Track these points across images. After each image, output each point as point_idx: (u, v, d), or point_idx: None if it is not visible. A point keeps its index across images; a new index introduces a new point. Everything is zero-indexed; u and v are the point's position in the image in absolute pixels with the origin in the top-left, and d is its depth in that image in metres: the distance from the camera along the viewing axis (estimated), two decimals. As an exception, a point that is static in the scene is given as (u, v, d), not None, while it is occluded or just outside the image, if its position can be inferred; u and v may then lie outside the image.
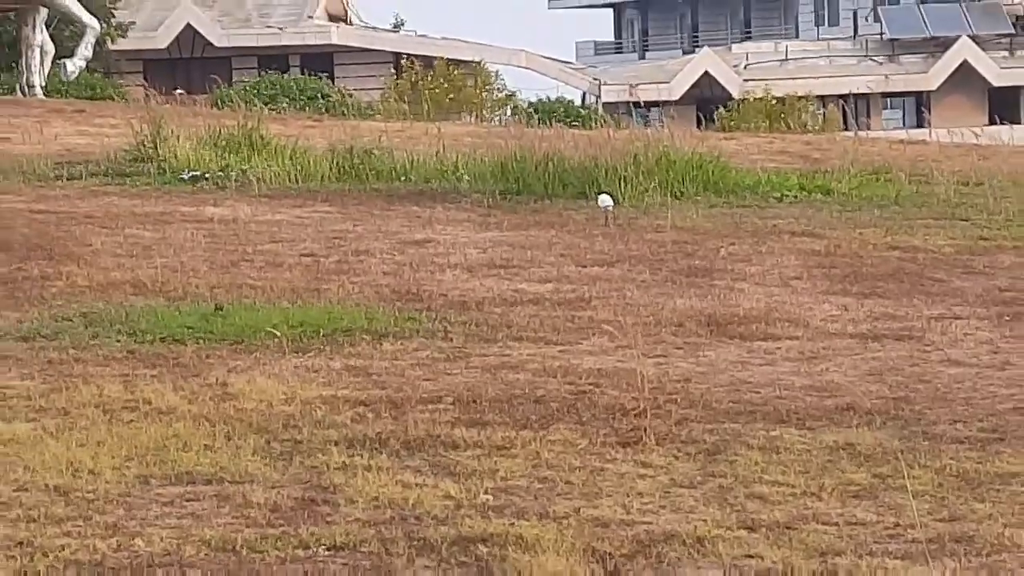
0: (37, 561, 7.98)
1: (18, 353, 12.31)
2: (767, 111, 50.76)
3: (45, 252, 15.95)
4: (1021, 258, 16.79)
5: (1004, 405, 11.11)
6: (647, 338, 13.00)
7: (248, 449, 9.81)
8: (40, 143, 24.08)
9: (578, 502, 8.94)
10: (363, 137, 23.08)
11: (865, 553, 8.16)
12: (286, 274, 15.31)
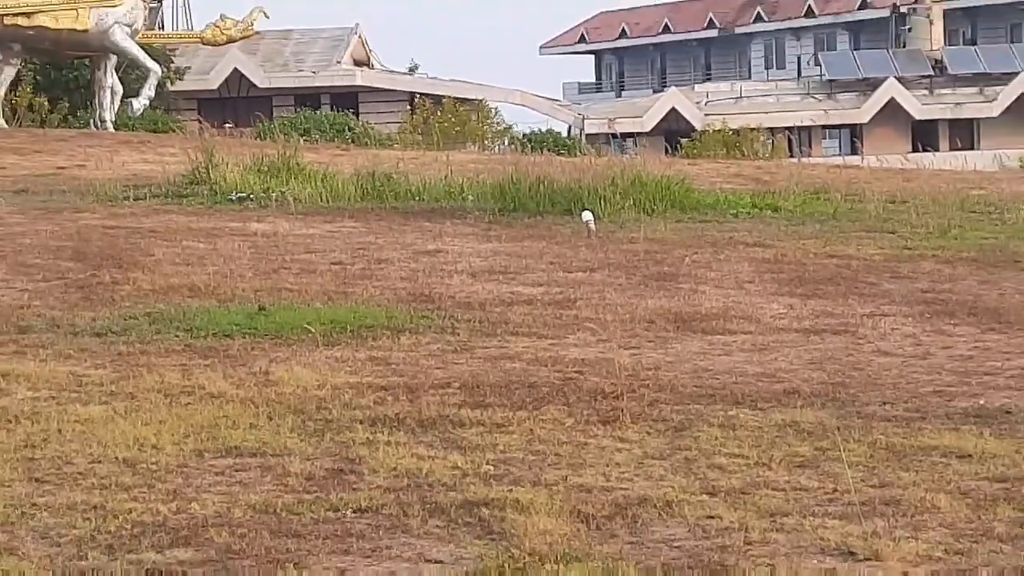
0: (109, 522, 8.00)
1: (92, 347, 12.34)
2: (724, 141, 50.80)
3: (115, 261, 15.97)
4: (940, 265, 16.82)
5: (925, 389, 11.14)
6: (623, 333, 13.03)
7: (286, 427, 9.84)
8: (111, 169, 24.09)
9: (565, 471, 8.97)
10: (383, 164, 23.09)
11: (808, 514, 8.18)
12: (318, 279, 15.33)
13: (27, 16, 31.38)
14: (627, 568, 7.32)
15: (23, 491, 8.51)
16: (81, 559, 7.48)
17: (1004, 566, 7.42)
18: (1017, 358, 12.23)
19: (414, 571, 7.35)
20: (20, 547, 7.62)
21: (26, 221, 18.79)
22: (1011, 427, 9.98)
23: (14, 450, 9.28)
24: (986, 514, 8.17)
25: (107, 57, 32.15)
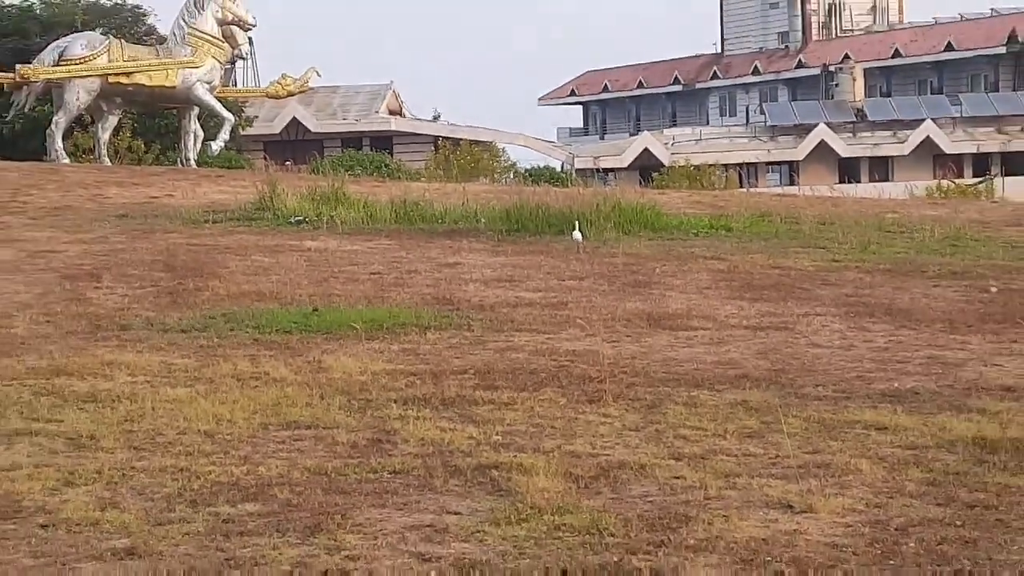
0: (192, 482, 8.02)
1: (179, 341, 12.36)
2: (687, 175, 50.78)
3: (197, 272, 16.00)
4: (861, 274, 16.82)
5: (850, 374, 11.15)
6: (606, 329, 13.04)
7: (335, 405, 9.85)
8: (194, 198, 24.14)
9: (559, 441, 8.98)
10: (412, 193, 23.12)
11: (755, 475, 8.19)
12: (360, 286, 15.35)
13: (127, 75, 31.44)
14: (610, 518, 7.33)
15: (123, 457, 8.54)
16: (170, 511, 7.50)
17: (914, 517, 7.44)
18: (924, 349, 12.25)
19: (438, 521, 7.36)
20: (121, 502, 7.65)
21: (126, 240, 18.84)
22: (919, 405, 9.99)
23: (116, 424, 9.31)
24: (899, 475, 8.19)
25: (191, 108, 32.18)
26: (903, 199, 32.50)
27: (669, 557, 6.82)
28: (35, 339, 12.39)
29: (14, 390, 10.29)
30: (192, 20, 31.86)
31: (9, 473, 8.15)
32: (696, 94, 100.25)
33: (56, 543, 7.03)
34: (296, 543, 7.01)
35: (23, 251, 17.70)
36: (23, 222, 20.94)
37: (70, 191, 24.74)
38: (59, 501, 7.65)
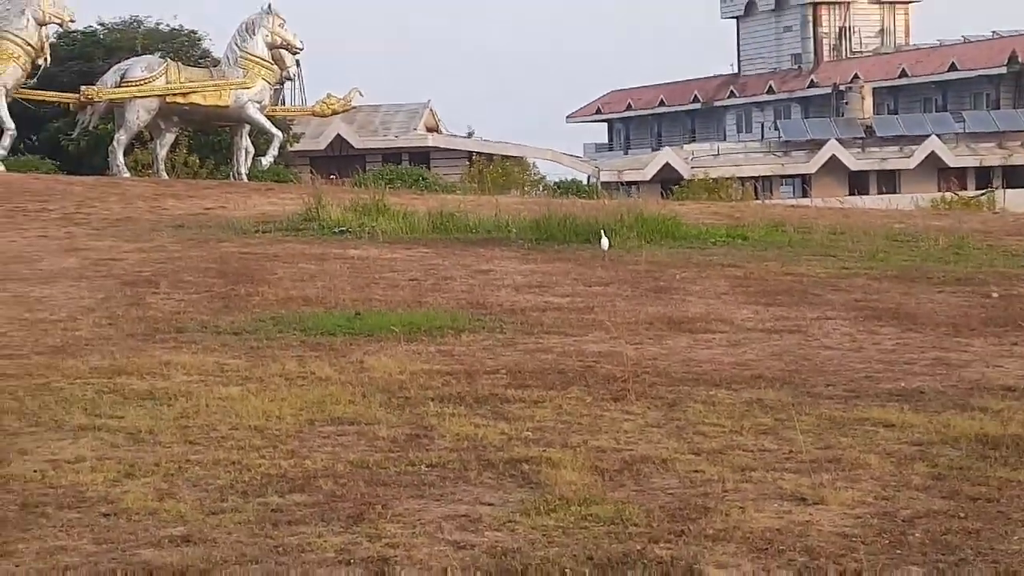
0: (244, 474, 8.04)
1: (231, 343, 12.39)
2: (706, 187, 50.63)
3: (248, 278, 16.04)
4: (870, 281, 16.77)
5: (859, 375, 11.11)
6: (629, 332, 13.03)
7: (376, 403, 9.86)
8: (245, 210, 24.19)
9: (585, 436, 8.97)
10: (448, 205, 23.15)
11: (770, 469, 8.17)
12: (399, 292, 15.37)
13: (184, 96, 31.54)
14: (633, 509, 7.33)
15: (180, 451, 8.56)
16: (223, 502, 7.52)
17: (920, 509, 7.42)
18: (930, 351, 12.20)
19: (472, 511, 7.36)
20: (178, 493, 7.67)
21: (182, 249, 18.90)
22: (925, 404, 9.95)
23: (173, 420, 9.34)
24: (906, 470, 8.17)
25: (242, 125, 32.28)
26: (909, 210, 32.38)
27: (689, 546, 6.81)
28: (98, 341, 12.44)
29: (79, 388, 10.33)
30: (244, 44, 31.96)
31: (74, 465, 8.19)
32: (714, 112, 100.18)
33: (117, 531, 7.06)
34: (340, 531, 7.02)
35: (87, 259, 17.77)
36: (87, 232, 21.03)
37: (131, 203, 24.83)
38: (120, 492, 7.68)
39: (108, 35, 42.57)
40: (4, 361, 11.46)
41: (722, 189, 49.25)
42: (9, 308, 14.15)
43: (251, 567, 6.54)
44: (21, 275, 16.36)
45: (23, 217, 22.75)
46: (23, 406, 9.73)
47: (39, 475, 8.00)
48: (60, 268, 16.96)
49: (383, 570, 6.52)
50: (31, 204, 24.25)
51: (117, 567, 6.54)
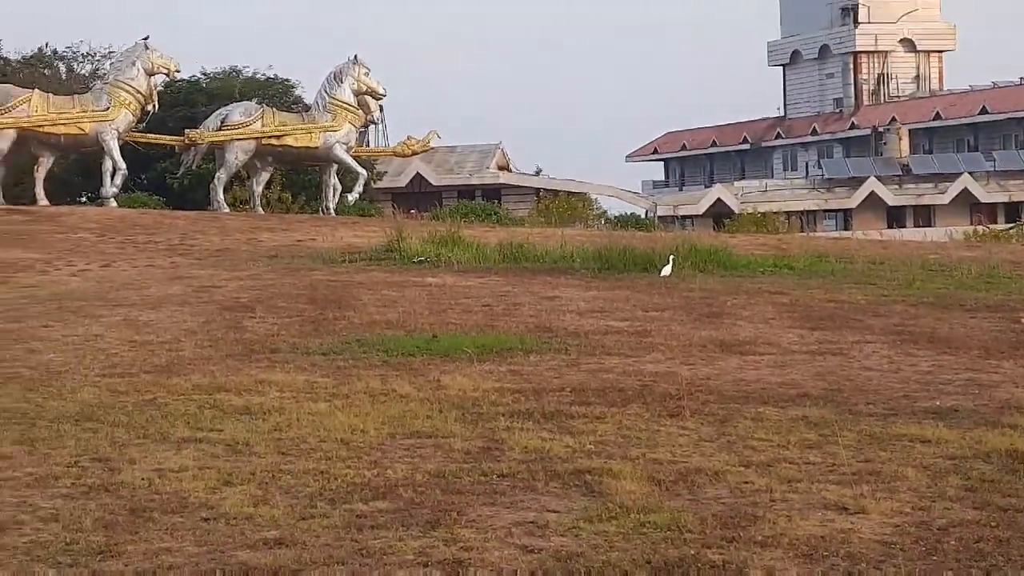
0: (331, 482, 8.07)
1: (320, 362, 12.43)
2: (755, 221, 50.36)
3: (335, 304, 16.11)
4: (907, 307, 16.63)
5: (897, 394, 11.01)
6: (683, 354, 12.98)
7: (451, 418, 9.86)
8: (332, 241, 24.32)
9: (644, 449, 8.94)
10: (518, 237, 23.13)
11: (815, 481, 8.12)
12: (473, 317, 15.37)
13: (278, 138, 31.78)
14: (688, 517, 7.30)
15: (273, 461, 8.60)
16: (312, 508, 7.55)
17: (954, 519, 7.35)
18: (963, 373, 12.07)
19: (540, 518, 7.35)
20: (271, 499, 7.71)
21: (276, 277, 19.01)
22: (958, 421, 9.85)
23: (267, 432, 9.39)
24: (941, 482, 8.09)
25: (331, 165, 32.46)
26: (943, 242, 32.15)
27: (739, 551, 6.77)
28: (199, 361, 12.52)
29: (182, 404, 10.41)
30: (332, 91, 32.17)
31: (177, 474, 8.25)
32: (762, 152, 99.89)
33: (216, 534, 7.10)
34: (418, 536, 7.03)
35: (190, 286, 17.92)
36: (190, 262, 21.21)
37: (229, 236, 25.03)
38: (219, 498, 7.72)
39: (210, 83, 42.97)
40: (115, 379, 11.57)
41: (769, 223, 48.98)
42: (120, 331, 14.29)
43: (338, 568, 6.56)
44: (131, 301, 16.51)
45: (133, 248, 22.98)
46: (132, 420, 9.81)
47: (146, 482, 8.06)
48: (166, 294, 17.11)
49: (458, 572, 6.52)
50: (140, 236, 24.50)
51: (216, 567, 6.58)
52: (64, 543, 6.95)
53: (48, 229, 25.09)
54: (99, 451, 8.85)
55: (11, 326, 14.65)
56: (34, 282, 18.56)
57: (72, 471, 8.35)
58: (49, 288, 17.89)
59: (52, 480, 8.15)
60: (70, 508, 7.53)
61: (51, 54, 47.69)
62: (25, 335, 14.03)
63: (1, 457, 8.72)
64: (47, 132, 30.69)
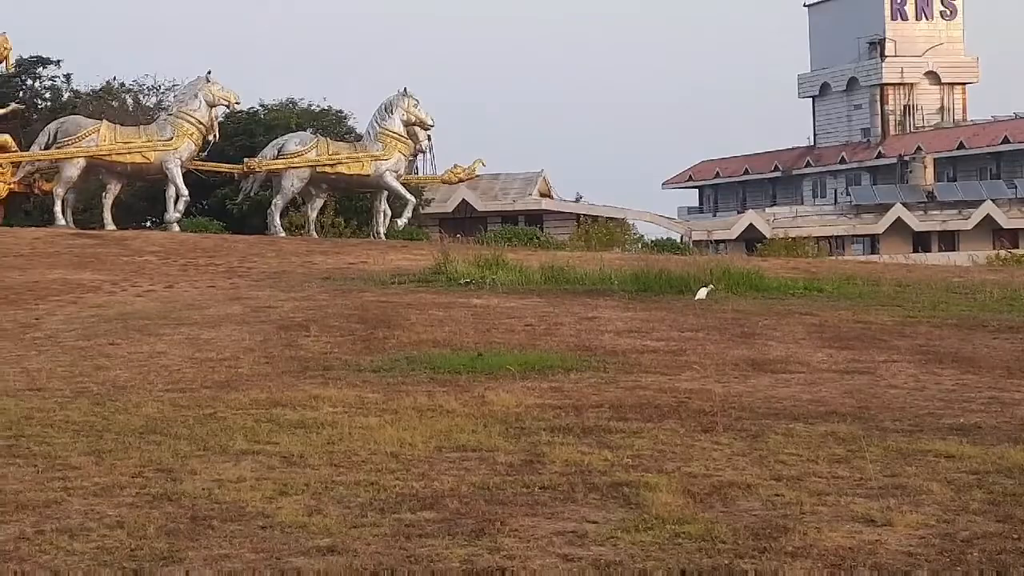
0: (381, 493, 8.08)
1: (370, 379, 12.47)
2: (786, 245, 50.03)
3: (385, 323, 16.14)
4: (932, 328, 16.53)
5: (922, 411, 10.95)
6: (717, 372, 12.94)
7: (496, 432, 9.87)
8: (383, 264, 24.38)
9: (679, 463, 8.91)
10: (558, 260, 23.14)
11: (843, 494, 8.07)
12: (516, 336, 15.38)
13: (331, 166, 31.94)
14: (721, 528, 7.27)
15: (326, 472, 8.62)
16: (363, 517, 7.56)
17: (977, 531, 7.29)
18: (986, 391, 11.99)
19: (579, 528, 7.34)
20: (324, 508, 7.73)
21: (329, 298, 19.07)
22: (981, 437, 9.78)
23: (320, 445, 9.41)
24: (965, 496, 8.03)
25: (381, 191, 32.57)
26: (967, 266, 31.93)
27: (770, 561, 6.74)
28: (257, 377, 12.58)
29: (240, 418, 10.45)
30: (383, 122, 32.30)
31: (235, 484, 8.28)
32: (792, 179, 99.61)
33: (272, 541, 7.12)
34: (464, 544, 7.03)
35: (248, 306, 18.00)
36: (248, 283, 21.32)
37: (285, 259, 25.14)
38: (275, 507, 7.75)
39: (267, 114, 43.22)
40: (177, 394, 11.64)
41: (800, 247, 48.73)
42: (182, 348, 14.38)
43: (386, 574, 6.56)
44: (192, 320, 16.61)
45: (194, 270, 23.11)
46: (193, 433, 9.87)
47: (206, 492, 8.10)
48: (225, 314, 17.19)
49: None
50: (201, 259, 24.64)
51: (272, 573, 6.60)
52: (129, 549, 6.99)
53: (115, 252, 25.27)
54: (162, 462, 8.90)
55: (81, 343, 14.77)
56: (102, 302, 18.70)
57: (137, 481, 8.40)
58: (116, 308, 18.02)
59: (118, 489, 8.20)
60: (135, 516, 7.58)
61: (119, 87, 48.12)
62: (93, 352, 14.14)
63: (71, 467, 8.79)
64: (114, 160, 30.96)
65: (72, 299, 18.98)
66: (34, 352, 14.21)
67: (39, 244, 26.04)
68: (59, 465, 8.83)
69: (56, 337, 15.31)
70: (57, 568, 6.71)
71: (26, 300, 18.77)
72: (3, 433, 9.87)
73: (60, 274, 21.78)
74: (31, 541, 7.14)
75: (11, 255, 24.43)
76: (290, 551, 6.93)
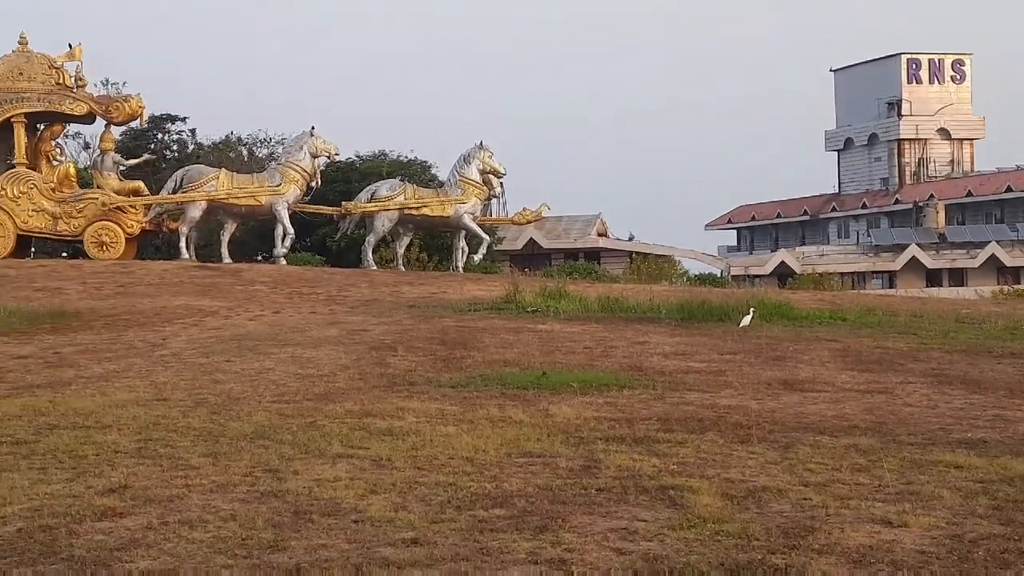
0: (457, 493, 8.07)
1: (449, 394, 12.48)
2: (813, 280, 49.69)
3: (462, 345, 16.18)
4: (943, 353, 16.31)
5: (934, 427, 10.80)
6: (752, 390, 12.84)
7: (557, 440, 9.84)
8: (460, 294, 24.45)
9: (719, 470, 8.84)
10: (613, 292, 23.13)
11: (864, 499, 7.97)
12: (576, 357, 15.35)
13: (416, 209, 32.09)
14: (755, 527, 7.21)
15: (410, 474, 8.63)
16: (442, 514, 7.57)
17: (983, 532, 7.18)
18: (991, 410, 11.81)
19: (630, 525, 7.30)
20: (409, 505, 7.74)
21: (414, 323, 19.14)
22: (987, 450, 9.63)
23: (406, 450, 9.42)
24: (972, 501, 7.91)
25: (460, 231, 32.66)
26: (974, 300, 31.50)
27: (799, 557, 6.67)
28: (351, 391, 12.64)
29: (336, 426, 10.50)
30: (462, 170, 32.43)
31: (332, 483, 8.31)
32: (819, 222, 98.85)
33: (364, 533, 7.15)
34: (529, 538, 7.02)
35: (344, 330, 18.11)
36: (344, 310, 21.45)
37: (377, 289, 25.28)
38: (366, 504, 7.77)
39: (362, 164, 43.58)
40: (283, 405, 11.71)
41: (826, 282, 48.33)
42: (287, 366, 14.48)
43: (463, 563, 6.57)
44: (296, 341, 16.72)
45: (298, 298, 23.30)
46: (296, 438, 9.92)
47: (307, 490, 8.14)
48: (324, 336, 17.30)
49: (562, 569, 6.50)
50: (304, 288, 24.84)
51: (363, 561, 6.62)
52: (240, 539, 7.04)
53: (230, 282, 25.53)
54: (269, 464, 8.95)
55: (201, 360, 14.92)
56: (219, 325, 18.88)
57: (247, 479, 8.46)
58: (231, 330, 18.19)
59: (231, 487, 8.26)
60: (245, 510, 7.63)
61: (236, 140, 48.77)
62: (211, 368, 14.27)
63: (191, 467, 8.87)
64: (231, 203, 31.31)
65: (194, 322, 19.19)
66: (161, 368, 14.37)
67: (166, 275, 26.36)
68: (181, 465, 8.91)
69: (180, 355, 15.47)
70: (179, 554, 6.77)
71: (154, 323, 19.00)
72: (133, 437, 9.99)
73: (184, 301, 22.03)
74: (156, 530, 7.21)
75: (142, 284, 24.75)
76: (379, 542, 6.95)
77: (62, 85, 31.36)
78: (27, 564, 6.62)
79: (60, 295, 22.89)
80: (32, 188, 30.84)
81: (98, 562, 6.63)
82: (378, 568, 6.49)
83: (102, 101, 32.16)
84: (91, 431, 10.21)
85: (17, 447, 9.59)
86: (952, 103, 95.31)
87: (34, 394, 12.46)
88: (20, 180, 30.87)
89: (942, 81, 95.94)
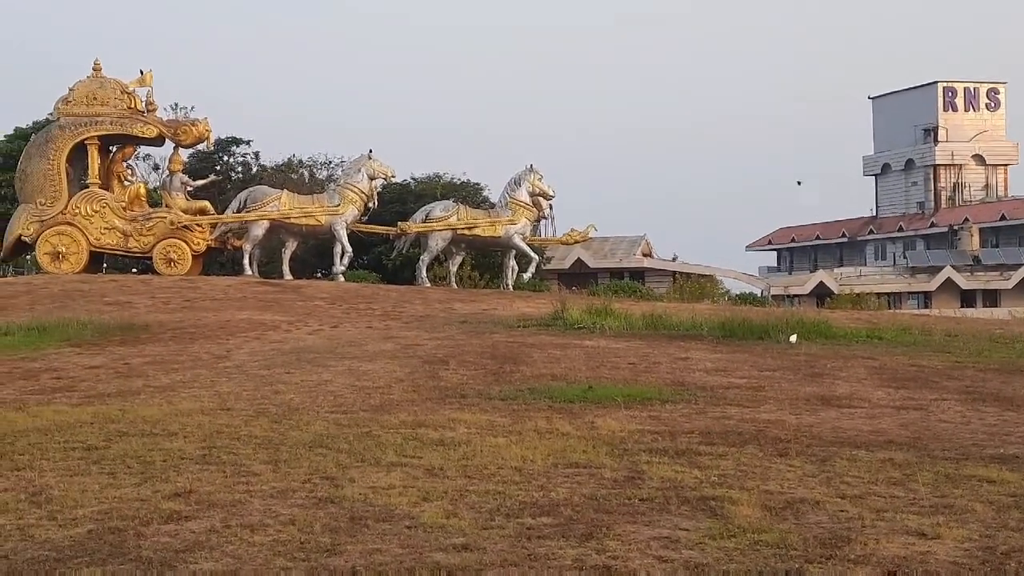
0: (506, 500, 8.08)
1: (499, 406, 12.49)
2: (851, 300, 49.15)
3: (512, 360, 16.18)
4: (977, 372, 16.12)
5: (967, 442, 10.67)
6: (791, 405, 12.75)
7: (602, 452, 9.82)
8: (510, 311, 24.45)
9: (758, 482, 8.79)
10: (657, 310, 23.04)
11: (899, 511, 7.90)
12: (621, 372, 15.31)
13: (468, 229, 32.19)
14: (793, 537, 7.16)
15: (461, 483, 8.64)
16: (492, 521, 7.57)
17: (1014, 545, 7.09)
18: (1023, 426, 11.66)
19: (673, 534, 7.27)
20: (459, 513, 7.75)
21: (465, 338, 19.17)
22: (1019, 465, 9.50)
23: (457, 460, 9.44)
24: (1004, 515, 7.81)
25: (510, 250, 32.71)
26: (1007, 320, 31.10)
27: (836, 567, 6.62)
28: (405, 403, 12.68)
29: (391, 436, 10.54)
30: (512, 192, 32.49)
31: (386, 491, 8.34)
32: (857, 244, 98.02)
33: (416, 539, 7.16)
34: (576, 545, 7.01)
35: (399, 344, 18.17)
36: (399, 325, 21.53)
37: (430, 305, 25.35)
38: (419, 511, 7.79)
39: (417, 186, 43.78)
40: (340, 415, 11.77)
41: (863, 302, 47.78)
42: (344, 378, 14.55)
43: (511, 569, 6.56)
44: (353, 355, 16.80)
45: (355, 314, 23.41)
46: (352, 447, 9.97)
47: (362, 497, 8.17)
48: (380, 350, 17.37)
49: (607, 575, 6.48)
50: (361, 304, 24.95)
51: (416, 565, 6.64)
52: (299, 542, 7.08)
53: (291, 297, 25.70)
54: (327, 471, 9.00)
55: (262, 372, 15.02)
56: (280, 339, 19.01)
57: (306, 486, 8.51)
58: (291, 344, 18.30)
59: (291, 493, 8.32)
60: (304, 515, 7.67)
61: (297, 163, 49.11)
62: (272, 379, 14.37)
63: (252, 473, 8.93)
64: (292, 223, 31.56)
65: (256, 336, 19.33)
66: (224, 379, 14.48)
67: (230, 290, 26.59)
68: (243, 472, 8.98)
69: (242, 367, 15.59)
70: (240, 556, 6.82)
71: (219, 336, 19.16)
72: (198, 445, 10.08)
73: (247, 315, 22.20)
74: (219, 533, 7.27)
75: (208, 299, 24.98)
76: (431, 547, 6.97)
77: (133, 109, 31.79)
78: (97, 564, 6.70)
79: (130, 309, 23.16)
80: (104, 207, 31.27)
81: (164, 563, 6.69)
82: (430, 572, 6.50)
83: (171, 125, 32.57)
84: (158, 438, 10.32)
85: (88, 453, 9.71)
86: (987, 130, 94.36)
87: (105, 402, 12.61)
88: (93, 199, 31.31)
89: (977, 108, 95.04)
